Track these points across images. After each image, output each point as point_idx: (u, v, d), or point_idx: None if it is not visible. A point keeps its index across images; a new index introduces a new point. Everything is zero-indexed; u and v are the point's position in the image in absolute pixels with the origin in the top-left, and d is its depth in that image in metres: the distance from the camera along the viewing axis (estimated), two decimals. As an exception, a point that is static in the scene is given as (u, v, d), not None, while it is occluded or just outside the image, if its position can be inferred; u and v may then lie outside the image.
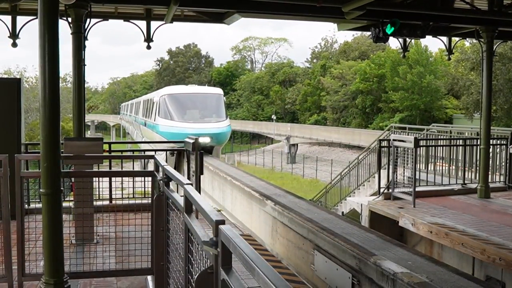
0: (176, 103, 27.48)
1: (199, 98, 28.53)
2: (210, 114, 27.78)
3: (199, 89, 32.35)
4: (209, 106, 28.31)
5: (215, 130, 25.55)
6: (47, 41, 4.66)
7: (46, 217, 4.82)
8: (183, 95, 28.60)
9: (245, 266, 2.13)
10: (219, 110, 28.07)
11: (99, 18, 10.44)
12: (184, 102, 27.90)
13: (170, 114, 26.79)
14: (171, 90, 29.90)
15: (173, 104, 27.31)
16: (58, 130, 4.86)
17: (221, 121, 26.92)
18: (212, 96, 29.00)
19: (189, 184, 3.74)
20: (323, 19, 11.85)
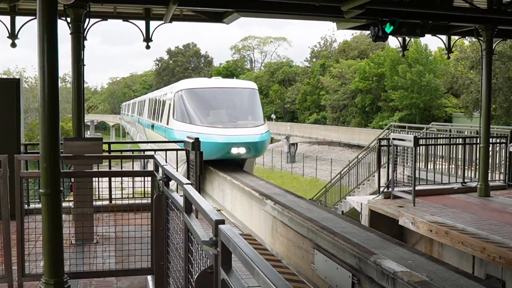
0: (198, 101, 20.47)
1: (229, 94, 21.36)
2: (244, 115, 20.88)
3: (227, 83, 24.35)
4: (242, 105, 21.38)
5: (253, 138, 18.84)
6: (46, 41, 4.66)
7: (46, 217, 4.82)
8: (207, 90, 21.18)
9: (245, 265, 2.13)
10: (255, 110, 21.14)
11: (98, 18, 10.45)
12: (209, 100, 20.74)
13: (190, 116, 19.97)
14: (189, 84, 22.02)
15: (193, 102, 20.34)
16: (58, 130, 4.85)
17: (259, 125, 19.83)
18: (244, 92, 21.82)
19: (189, 184, 3.74)
20: (322, 18, 11.86)
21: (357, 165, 19.60)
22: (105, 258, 6.32)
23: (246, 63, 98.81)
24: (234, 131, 18.78)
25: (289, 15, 11.27)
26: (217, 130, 18.51)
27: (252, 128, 19.36)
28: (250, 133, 18.94)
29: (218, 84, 22.05)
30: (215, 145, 17.60)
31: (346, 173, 20.56)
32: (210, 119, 19.75)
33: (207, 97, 20.73)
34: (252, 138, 18.79)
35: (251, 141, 18.69)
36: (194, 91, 20.94)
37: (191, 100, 20.31)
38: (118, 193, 10.09)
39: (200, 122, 19.25)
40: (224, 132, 18.43)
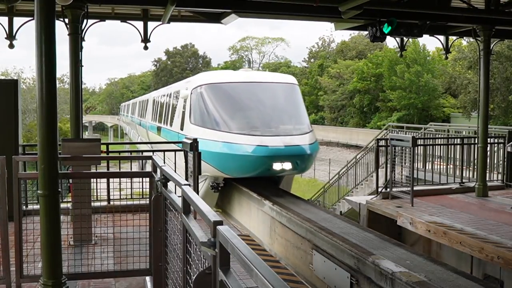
0: (225, 100, 15.48)
1: (266, 90, 16.13)
2: (287, 119, 15.71)
3: (261, 76, 18.59)
4: (284, 105, 16.15)
5: (302, 150, 14.12)
6: (44, 42, 4.65)
7: (44, 219, 4.81)
8: (236, 86, 16.03)
9: (243, 266, 2.13)
10: (299, 112, 16.12)
11: (96, 19, 10.45)
12: (240, 98, 15.75)
13: (214, 120, 14.83)
14: (212, 78, 16.60)
15: (218, 102, 15.32)
16: (56, 131, 4.85)
17: (307, 131, 15.02)
18: (285, 88, 16.59)
19: (187, 185, 3.74)
20: (320, 18, 11.87)
21: (355, 166, 19.60)
22: (103, 259, 6.32)
23: (244, 64, 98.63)
24: (277, 140, 13.71)
25: (287, 16, 11.27)
26: (253, 139, 13.58)
27: (300, 137, 14.44)
28: (298, 142, 14.07)
29: (250, 78, 16.46)
30: (252, 159, 13.19)
31: (345, 173, 20.56)
32: (243, 124, 14.55)
33: (237, 94, 15.57)
34: (301, 150, 13.94)
35: (300, 153, 13.90)
36: (219, 86, 15.62)
37: (215, 98, 15.16)
38: (116, 194, 10.08)
39: (228, 127, 14.19)
40: (264, 141, 13.47)
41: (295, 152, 13.86)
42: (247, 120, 14.83)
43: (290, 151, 13.77)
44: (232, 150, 12.99)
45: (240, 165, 13.31)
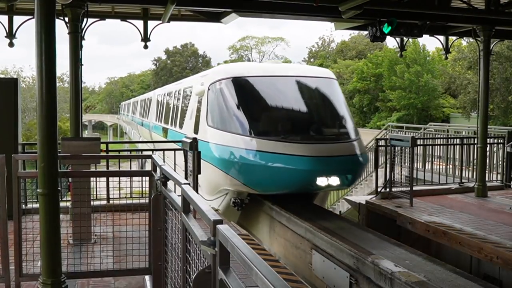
0: (253, 98, 12.43)
1: (301, 86, 12.91)
2: (330, 122, 12.84)
3: (293, 69, 15.01)
4: (324, 105, 13.12)
5: (353, 160, 11.28)
6: (44, 40, 4.66)
7: (44, 217, 4.82)
8: (266, 80, 12.70)
9: (243, 265, 2.13)
10: (343, 113, 12.71)
11: (96, 18, 10.46)
12: (271, 96, 12.59)
13: (240, 122, 11.60)
14: (234, 71, 13.11)
15: (244, 100, 12.18)
16: (55, 130, 4.85)
17: (356, 138, 11.83)
18: (323, 84, 13.18)
19: (187, 184, 3.74)
20: (320, 18, 11.87)
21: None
22: (102, 258, 6.33)
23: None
24: (322, 149, 10.83)
25: (287, 15, 11.28)
26: (292, 147, 10.59)
27: (349, 144, 11.38)
28: (348, 151, 11.15)
29: (282, 71, 13.17)
30: (291, 173, 10.32)
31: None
32: (277, 128, 11.67)
33: (267, 91, 12.40)
34: (353, 161, 11.12)
35: (352, 166, 11.08)
36: (244, 81, 12.31)
37: (240, 95, 11.95)
38: (116, 193, 10.08)
39: (258, 132, 11.15)
40: (306, 150, 10.56)
41: (346, 164, 10.94)
42: (282, 123, 11.75)
43: (339, 162, 10.79)
44: (268, 160, 10.26)
45: (275, 179, 10.39)
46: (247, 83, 12.35)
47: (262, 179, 10.51)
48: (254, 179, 10.71)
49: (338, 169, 10.75)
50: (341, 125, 12.37)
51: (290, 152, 10.51)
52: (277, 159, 10.45)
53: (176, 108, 17.48)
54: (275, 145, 10.63)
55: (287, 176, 10.36)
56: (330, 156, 10.73)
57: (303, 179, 10.48)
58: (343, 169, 10.89)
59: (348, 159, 11.05)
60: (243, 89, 12.20)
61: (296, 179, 10.40)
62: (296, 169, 10.29)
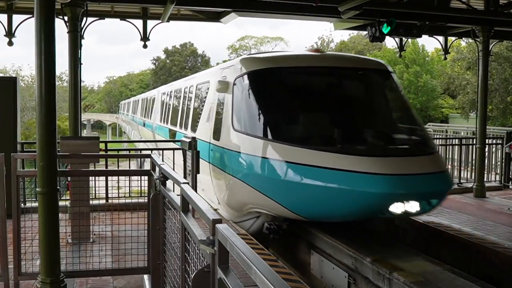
0: (296, 95, 9.30)
1: (356, 81, 9.97)
2: (399, 128, 9.76)
3: (342, 59, 10.86)
4: (388, 105, 10.37)
5: (439, 181, 8.00)
6: (43, 39, 4.66)
7: (42, 216, 4.83)
8: (311, 72, 9.48)
9: (242, 264, 2.13)
10: (412, 117, 9.74)
11: (96, 17, 10.46)
12: (320, 93, 9.50)
13: (281, 127, 8.71)
14: (267, 60, 9.82)
15: (285, 97, 9.22)
16: (55, 129, 4.86)
17: (434, 150, 8.72)
18: (382, 78, 10.01)
19: (186, 183, 3.74)
20: (320, 18, 11.88)
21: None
22: (101, 257, 6.33)
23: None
24: (402, 164, 7.85)
25: (287, 15, 11.29)
26: (359, 162, 7.63)
27: (433, 158, 8.45)
28: (434, 167, 8.15)
29: (329, 61, 9.88)
30: (356, 196, 7.55)
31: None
32: (334, 135, 8.62)
33: (316, 86, 9.63)
34: (441, 180, 8.15)
35: (439, 187, 8.11)
36: (285, 73, 9.44)
37: (280, 91, 9.26)
38: (114, 192, 10.08)
39: (307, 141, 8.31)
40: (379, 166, 7.60)
41: (432, 184, 7.90)
42: (340, 129, 8.64)
43: (424, 182, 7.78)
44: (317, 180, 7.59)
45: (330, 204, 7.63)
46: (288, 75, 9.36)
47: (311, 203, 7.76)
48: (301, 203, 7.92)
49: (422, 191, 7.77)
50: (416, 132, 9.34)
51: (354, 168, 7.44)
52: (335, 177, 7.45)
53: (186, 108, 14.38)
54: (332, 158, 7.61)
55: (349, 200, 7.44)
56: (412, 174, 7.67)
57: (371, 205, 7.47)
58: (429, 192, 7.89)
59: (436, 177, 7.96)
60: (284, 83, 9.32)
61: (361, 205, 7.44)
62: (362, 192, 7.32)
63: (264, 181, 8.20)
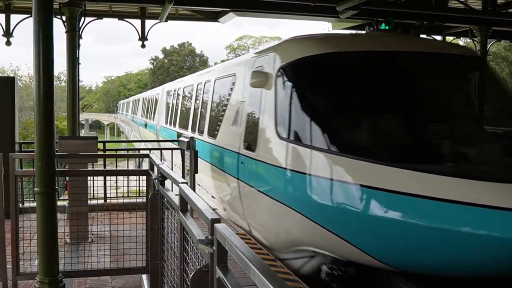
0: (369, 89, 6.47)
1: (449, 70, 7.36)
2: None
3: (417, 43, 8.04)
4: (493, 103, 7.90)
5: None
6: (42, 39, 4.65)
7: (41, 216, 4.82)
8: (384, 57, 6.79)
9: (240, 264, 2.13)
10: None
11: (94, 17, 10.45)
12: (401, 85, 6.71)
13: (355, 135, 6.30)
14: (325, 43, 7.26)
15: (363, 92, 6.48)
16: (53, 129, 4.85)
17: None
18: (473, 66, 7.71)
19: (184, 183, 3.74)
20: (318, 18, 11.89)
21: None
22: (100, 257, 6.32)
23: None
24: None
25: (285, 15, 11.29)
26: (490, 191, 4.96)
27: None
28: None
29: (404, 45, 7.38)
30: (483, 242, 4.76)
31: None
32: (440, 149, 6.19)
33: (398, 77, 7.04)
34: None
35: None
36: (351, 58, 6.95)
37: (347, 84, 6.87)
38: (113, 192, 10.08)
39: (400, 157, 5.76)
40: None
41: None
42: (446, 141, 6.30)
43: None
44: (427, 217, 5.13)
45: (441, 253, 5.16)
46: (361, 62, 6.86)
47: (409, 248, 5.25)
48: (392, 248, 5.40)
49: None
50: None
51: (477, 200, 4.89)
52: (455, 213, 4.95)
53: (201, 108, 11.79)
54: (446, 184, 5.10)
55: (472, 248, 4.90)
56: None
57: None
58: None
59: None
60: (358, 73, 6.87)
61: (493, 256, 4.90)
62: (494, 237, 4.76)
63: (330, 213, 5.75)
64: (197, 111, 12.25)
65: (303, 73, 6.87)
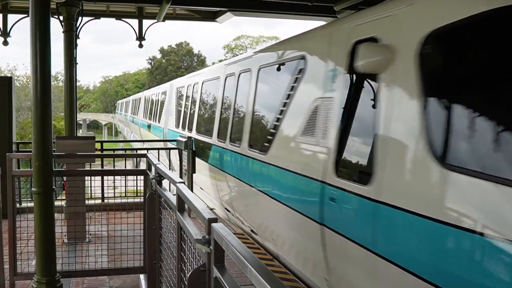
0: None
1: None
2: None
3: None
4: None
5: None
6: (39, 39, 4.65)
7: (38, 216, 4.82)
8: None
9: (237, 263, 2.14)
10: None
11: (91, 17, 10.45)
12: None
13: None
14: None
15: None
16: (50, 129, 4.85)
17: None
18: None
19: (182, 183, 3.74)
20: (315, 18, 11.87)
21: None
22: (97, 257, 6.32)
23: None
24: None
25: (282, 15, 11.28)
26: None
27: None
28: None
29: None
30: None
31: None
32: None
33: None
34: None
35: None
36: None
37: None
38: (110, 192, 10.08)
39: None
40: None
41: None
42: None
43: None
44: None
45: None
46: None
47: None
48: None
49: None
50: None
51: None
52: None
53: (234, 110, 9.10)
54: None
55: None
56: None
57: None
58: None
59: None
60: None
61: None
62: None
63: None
64: (226, 113, 9.61)
65: (482, 42, 3.81)
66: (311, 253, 5.66)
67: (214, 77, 11.41)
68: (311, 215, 5.44)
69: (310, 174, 5.48)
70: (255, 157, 7.26)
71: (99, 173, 8.99)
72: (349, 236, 4.70)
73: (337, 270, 5.10)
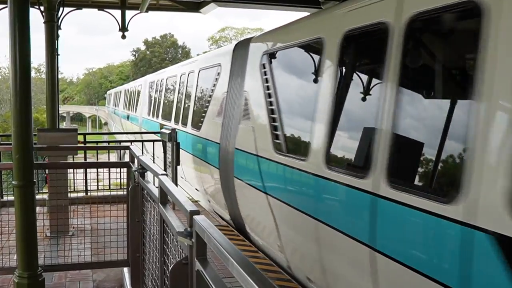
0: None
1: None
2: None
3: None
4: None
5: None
6: (18, 30, 4.56)
7: (19, 210, 4.75)
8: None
9: (219, 256, 2.11)
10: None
11: (73, 7, 10.29)
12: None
13: None
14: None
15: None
16: (30, 121, 4.77)
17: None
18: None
19: (164, 175, 3.70)
20: (299, 9, 11.83)
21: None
22: (80, 251, 6.27)
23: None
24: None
25: (266, 5, 11.22)
26: None
27: None
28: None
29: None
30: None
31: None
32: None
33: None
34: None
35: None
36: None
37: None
38: (93, 184, 9.99)
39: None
40: None
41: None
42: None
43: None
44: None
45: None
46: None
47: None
48: None
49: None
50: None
51: None
52: None
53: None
54: None
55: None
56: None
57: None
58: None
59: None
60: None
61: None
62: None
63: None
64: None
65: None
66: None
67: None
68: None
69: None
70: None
71: (81, 166, 8.90)
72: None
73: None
